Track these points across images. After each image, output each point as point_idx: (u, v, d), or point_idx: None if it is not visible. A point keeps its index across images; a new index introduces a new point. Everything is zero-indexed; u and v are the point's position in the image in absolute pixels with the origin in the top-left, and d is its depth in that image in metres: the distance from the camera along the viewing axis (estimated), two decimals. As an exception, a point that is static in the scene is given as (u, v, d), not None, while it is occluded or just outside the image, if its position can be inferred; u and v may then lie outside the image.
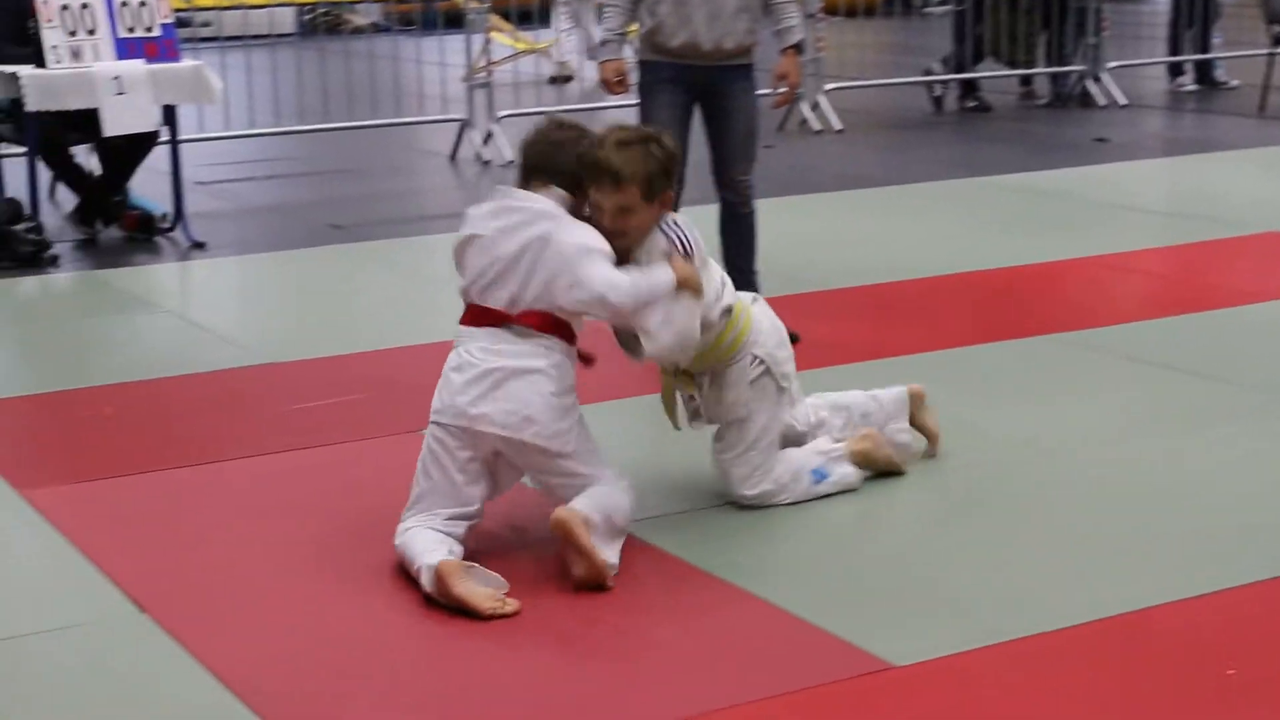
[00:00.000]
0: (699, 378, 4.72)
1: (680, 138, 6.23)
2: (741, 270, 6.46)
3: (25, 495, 4.87)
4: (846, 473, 4.80)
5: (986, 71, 13.59)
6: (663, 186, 4.46)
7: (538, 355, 4.30)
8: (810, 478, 4.74)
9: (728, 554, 4.38)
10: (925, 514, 4.73)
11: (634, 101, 6.44)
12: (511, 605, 4.02)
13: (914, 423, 5.07)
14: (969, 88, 13.41)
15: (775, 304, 6.68)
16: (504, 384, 4.26)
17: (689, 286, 4.38)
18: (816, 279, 7.48)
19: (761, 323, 4.81)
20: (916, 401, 5.09)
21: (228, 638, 3.95)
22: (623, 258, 4.39)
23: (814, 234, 8.60)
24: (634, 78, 6.42)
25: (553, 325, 4.33)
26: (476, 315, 4.36)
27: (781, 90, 6.41)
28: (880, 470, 4.90)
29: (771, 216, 6.52)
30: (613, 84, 6.32)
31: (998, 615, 4.00)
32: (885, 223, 8.96)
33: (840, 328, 6.68)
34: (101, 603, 4.16)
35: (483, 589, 4.03)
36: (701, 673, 3.74)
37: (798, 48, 6.33)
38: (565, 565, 4.18)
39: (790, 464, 4.74)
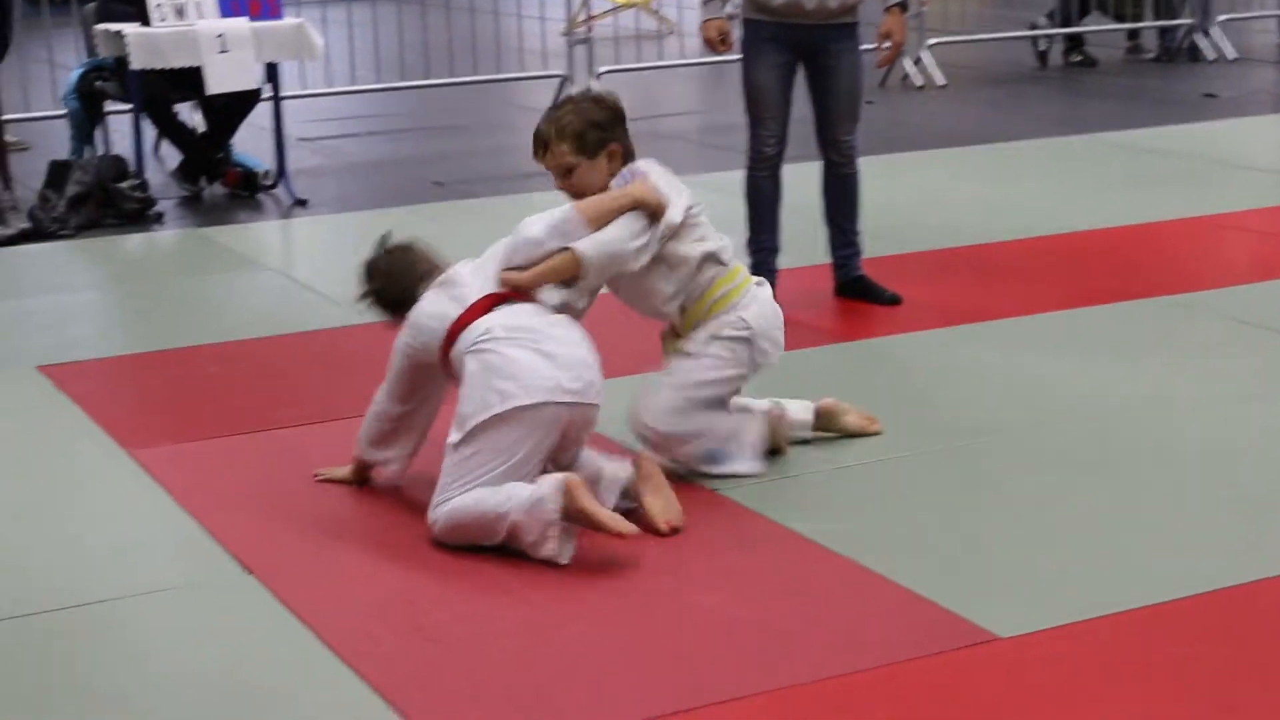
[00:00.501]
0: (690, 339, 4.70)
1: (783, 97, 6.23)
2: (844, 231, 6.42)
3: (133, 455, 4.93)
4: (743, 464, 4.68)
5: (1092, 25, 13.40)
6: (601, 139, 4.54)
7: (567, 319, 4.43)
8: (706, 453, 4.66)
9: (829, 521, 4.35)
10: (1028, 481, 4.67)
11: (737, 57, 6.39)
12: (630, 528, 4.07)
13: (838, 429, 4.92)
14: (1074, 42, 13.22)
15: (876, 264, 6.69)
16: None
17: (644, 205, 4.45)
18: (917, 239, 7.41)
19: (765, 304, 4.74)
20: (828, 417, 4.91)
21: (332, 599, 3.98)
22: None
23: (915, 193, 8.52)
24: (738, 35, 6.37)
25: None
26: (491, 302, 4.37)
27: (885, 48, 6.34)
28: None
29: (871, 174, 6.46)
30: (715, 43, 6.27)
31: (1104, 586, 3.95)
32: (987, 181, 8.86)
33: (941, 289, 6.62)
34: (207, 563, 4.20)
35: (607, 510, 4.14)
36: (805, 642, 3.72)
37: (902, 5, 6.25)
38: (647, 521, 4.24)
39: (708, 427, 4.64)
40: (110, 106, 8.97)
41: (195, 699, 3.55)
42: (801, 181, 6.62)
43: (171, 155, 9.21)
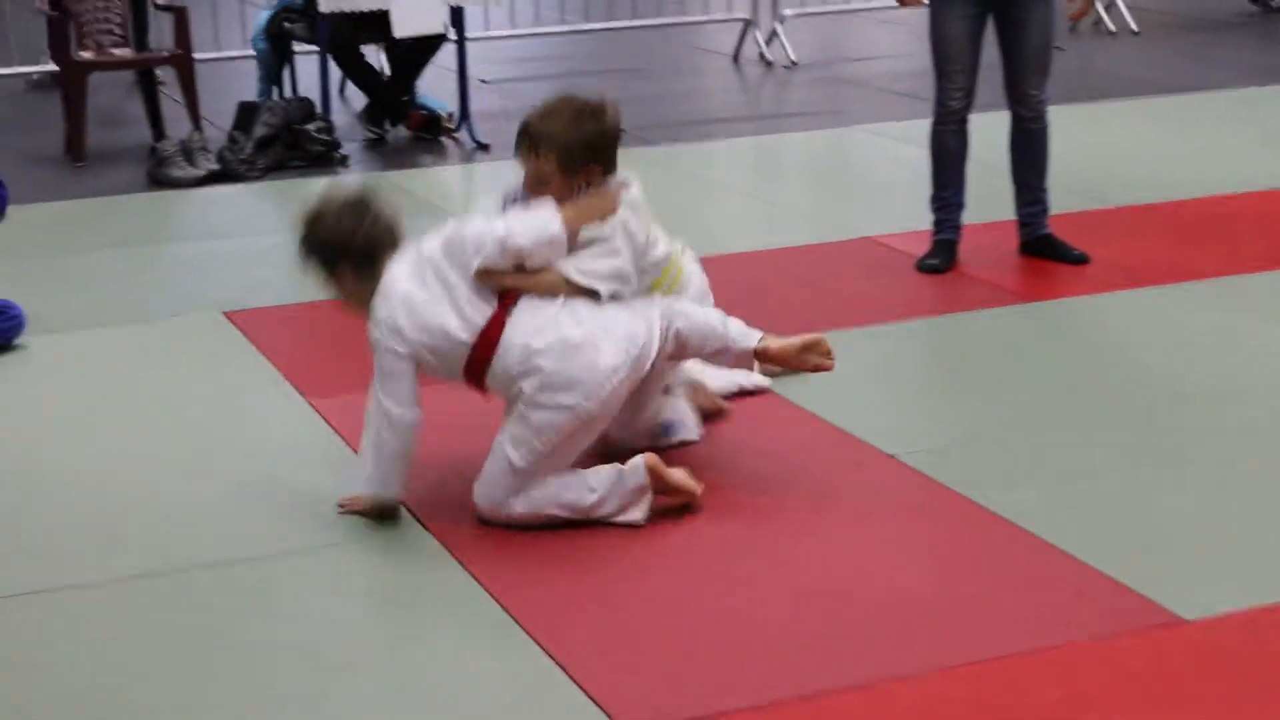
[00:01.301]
0: None
1: (972, 49, 6.11)
2: (1031, 188, 6.31)
3: (314, 404, 4.98)
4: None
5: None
6: (585, 160, 4.27)
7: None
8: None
9: (1012, 493, 4.28)
10: (1220, 453, 4.54)
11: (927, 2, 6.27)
12: (698, 486, 4.18)
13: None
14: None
15: (1063, 220, 6.55)
16: None
17: (581, 218, 4.23)
18: (1108, 194, 7.24)
19: (691, 278, 4.70)
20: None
21: (504, 558, 4.00)
22: None
23: (1105, 145, 8.32)
24: None
25: None
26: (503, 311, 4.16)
27: (1077, 3, 6.16)
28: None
29: (1060, 124, 6.30)
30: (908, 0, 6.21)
31: (1295, 569, 3.85)
32: (1182, 133, 8.62)
33: (1134, 247, 6.46)
34: (386, 516, 4.25)
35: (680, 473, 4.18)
36: (981, 617, 3.66)
37: None
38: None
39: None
40: (298, 48, 9.07)
41: (362, 650, 3.59)
42: (988, 134, 6.49)
43: (357, 98, 9.29)
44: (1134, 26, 11.89)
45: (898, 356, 5.39)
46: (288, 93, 9.04)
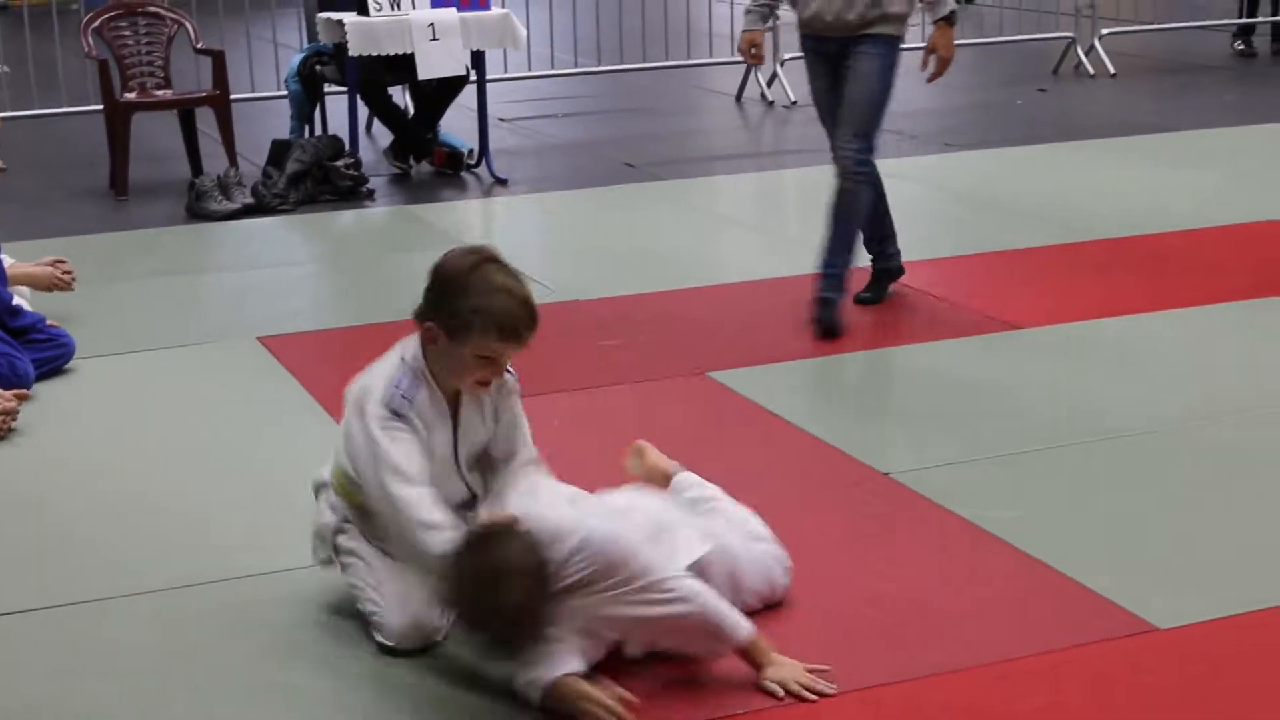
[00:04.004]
0: None
1: (831, 106, 5.90)
2: (830, 250, 5.88)
3: (343, 423, 5.00)
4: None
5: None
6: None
7: None
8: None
9: (997, 509, 4.29)
10: (1193, 474, 4.56)
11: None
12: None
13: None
14: (1247, 32, 12.82)
15: (1046, 253, 6.57)
16: None
17: None
18: (1087, 228, 7.25)
19: None
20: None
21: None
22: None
23: (1084, 182, 8.33)
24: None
25: None
26: None
27: (933, 66, 5.91)
28: None
29: (1040, 163, 6.35)
30: (747, 54, 6.04)
31: (1267, 580, 3.85)
32: (1159, 171, 8.64)
33: (1112, 278, 6.48)
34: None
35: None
36: (974, 627, 3.67)
37: (948, 19, 5.82)
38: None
39: None
40: (328, 89, 9.13)
41: (387, 657, 3.61)
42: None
43: (383, 135, 9.34)
44: (1112, 69, 11.92)
45: (891, 379, 5.41)
46: (318, 131, 9.08)
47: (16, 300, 5.57)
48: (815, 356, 5.61)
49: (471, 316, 3.48)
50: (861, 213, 5.94)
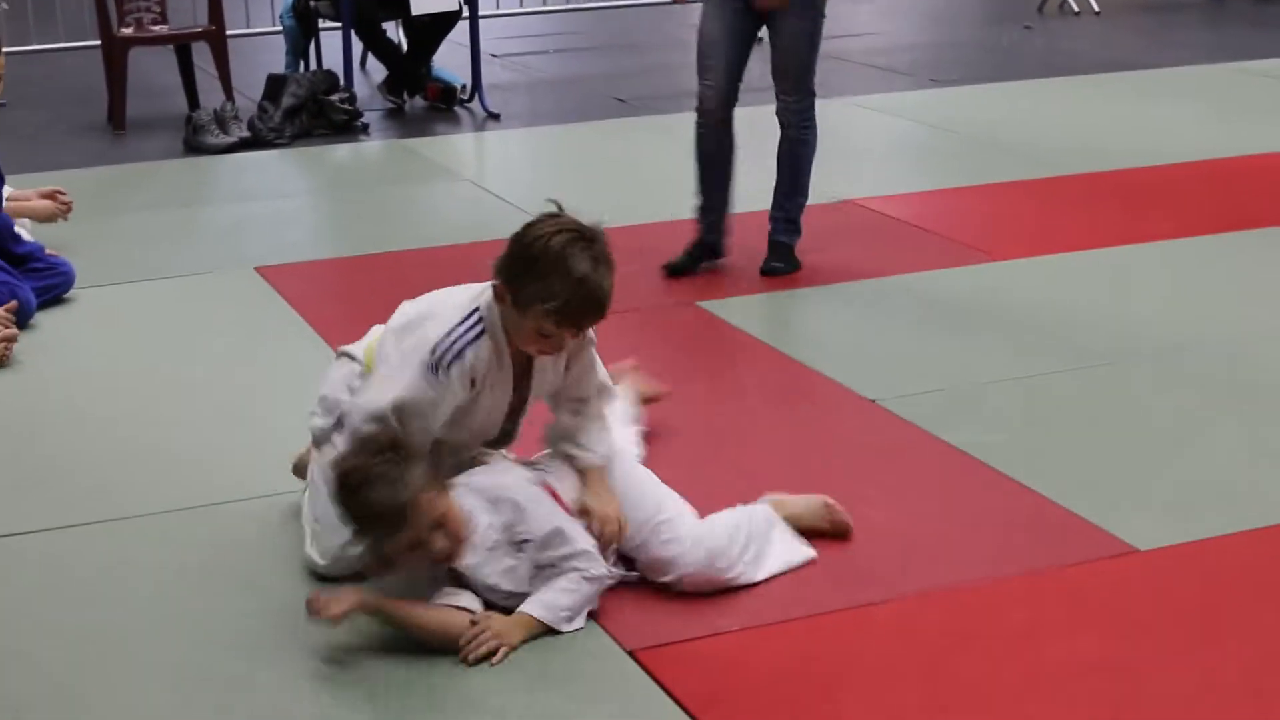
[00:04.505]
0: None
1: (730, 50, 5.64)
2: (776, 192, 5.78)
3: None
4: None
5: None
6: None
7: None
8: None
9: (980, 435, 4.28)
10: (1167, 402, 4.55)
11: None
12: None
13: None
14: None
15: (1029, 187, 6.54)
16: None
17: None
18: (1068, 163, 7.22)
19: None
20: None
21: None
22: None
23: (1067, 118, 8.30)
24: None
25: None
26: None
27: None
28: None
29: (1026, 99, 6.33)
30: None
31: (1241, 504, 3.85)
32: (1139, 107, 8.60)
33: (1092, 211, 6.46)
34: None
35: None
36: (958, 548, 3.67)
37: None
38: None
39: None
40: (323, 25, 9.04)
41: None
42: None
43: (377, 70, 9.27)
44: (1096, 7, 11.85)
45: (877, 309, 5.40)
46: (313, 66, 9.01)
47: (17, 228, 5.54)
48: (804, 287, 5.60)
49: (536, 295, 3.27)
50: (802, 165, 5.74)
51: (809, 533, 3.69)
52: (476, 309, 3.43)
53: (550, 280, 3.27)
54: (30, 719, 3.08)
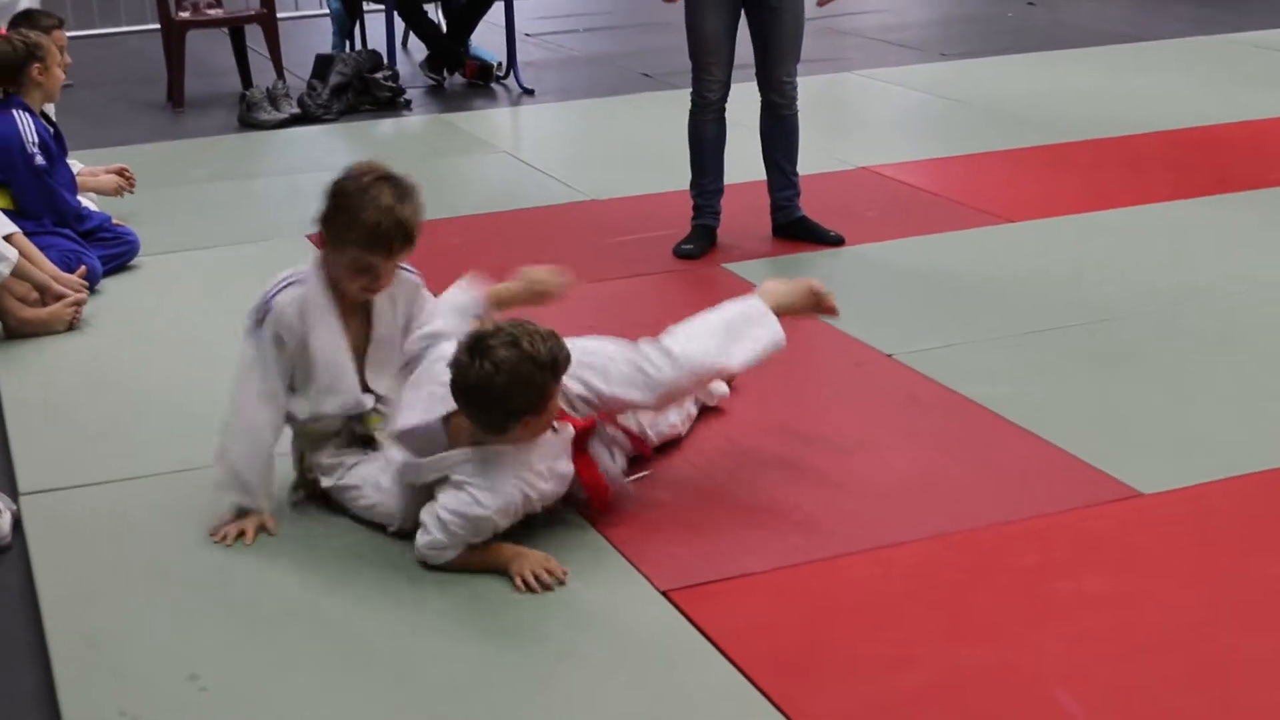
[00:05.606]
0: None
1: (728, 43, 5.41)
2: (784, 171, 5.64)
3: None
4: None
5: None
6: None
7: None
8: None
9: (992, 387, 4.27)
10: (1167, 354, 4.53)
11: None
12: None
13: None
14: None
15: (1031, 154, 6.49)
16: None
17: None
18: (1069, 131, 7.15)
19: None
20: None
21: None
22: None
23: (1067, 88, 8.22)
24: None
25: None
26: None
27: None
28: None
29: (1027, 71, 6.27)
30: None
31: (1241, 448, 3.83)
32: (1137, 78, 8.52)
33: (1092, 177, 6.41)
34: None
35: None
36: (972, 493, 3.66)
37: None
38: None
39: None
40: (367, 7, 9.02)
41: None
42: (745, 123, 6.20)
43: (418, 49, 9.24)
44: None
45: (892, 269, 5.37)
46: (359, 46, 8.99)
47: (85, 202, 5.57)
48: (822, 249, 5.57)
49: (345, 227, 3.42)
50: (799, 135, 5.64)
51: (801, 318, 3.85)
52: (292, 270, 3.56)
53: (355, 213, 3.40)
54: (107, 648, 3.11)
